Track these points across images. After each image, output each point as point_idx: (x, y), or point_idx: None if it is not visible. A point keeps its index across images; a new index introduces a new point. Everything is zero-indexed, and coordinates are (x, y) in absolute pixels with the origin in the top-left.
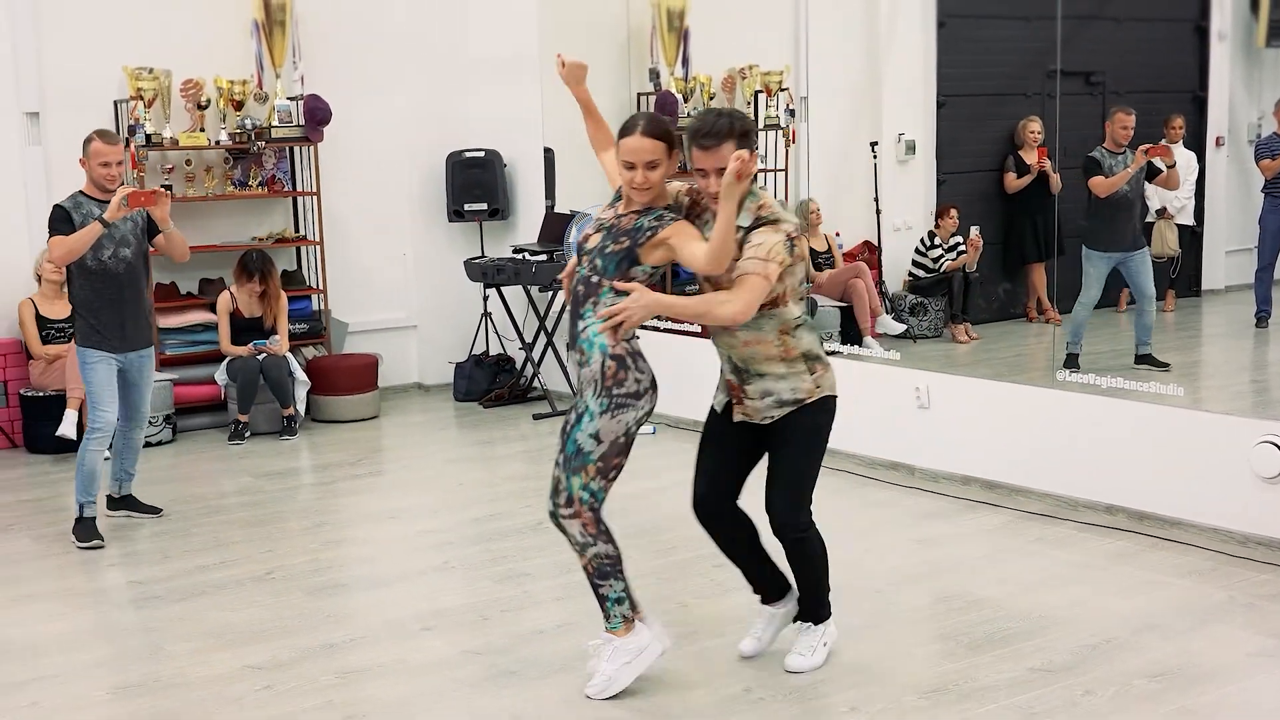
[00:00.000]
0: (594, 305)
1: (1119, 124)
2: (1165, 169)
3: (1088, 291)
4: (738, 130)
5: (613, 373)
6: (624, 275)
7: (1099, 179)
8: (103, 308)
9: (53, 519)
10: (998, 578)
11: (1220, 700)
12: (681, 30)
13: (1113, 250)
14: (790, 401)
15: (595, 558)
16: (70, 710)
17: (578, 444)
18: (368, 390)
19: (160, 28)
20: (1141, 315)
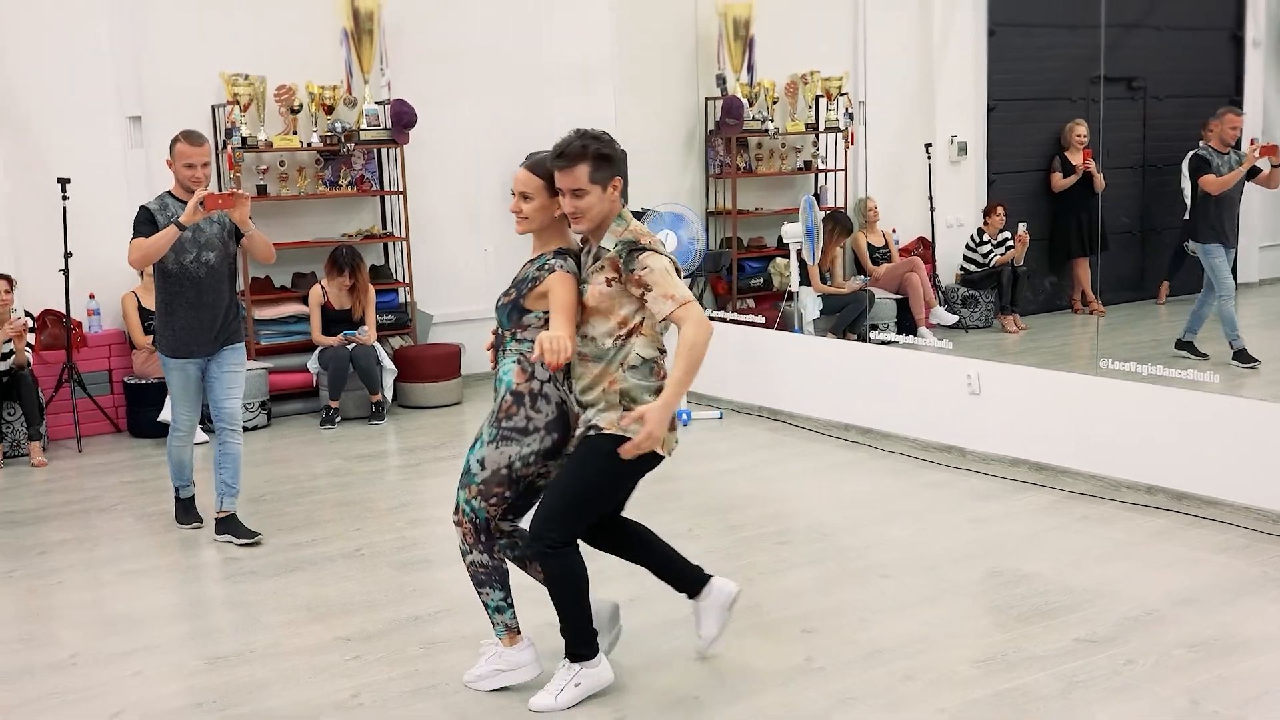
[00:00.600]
0: (503, 353)
1: (1228, 124)
2: (1269, 169)
3: (1224, 284)
4: (591, 152)
5: (507, 407)
6: (518, 323)
7: (1210, 177)
8: (179, 311)
9: (154, 499)
10: (1045, 554)
11: (1254, 669)
12: (747, 38)
13: (1224, 242)
14: (593, 427)
15: (471, 565)
16: (170, 679)
17: (468, 463)
18: (451, 378)
19: (255, 36)
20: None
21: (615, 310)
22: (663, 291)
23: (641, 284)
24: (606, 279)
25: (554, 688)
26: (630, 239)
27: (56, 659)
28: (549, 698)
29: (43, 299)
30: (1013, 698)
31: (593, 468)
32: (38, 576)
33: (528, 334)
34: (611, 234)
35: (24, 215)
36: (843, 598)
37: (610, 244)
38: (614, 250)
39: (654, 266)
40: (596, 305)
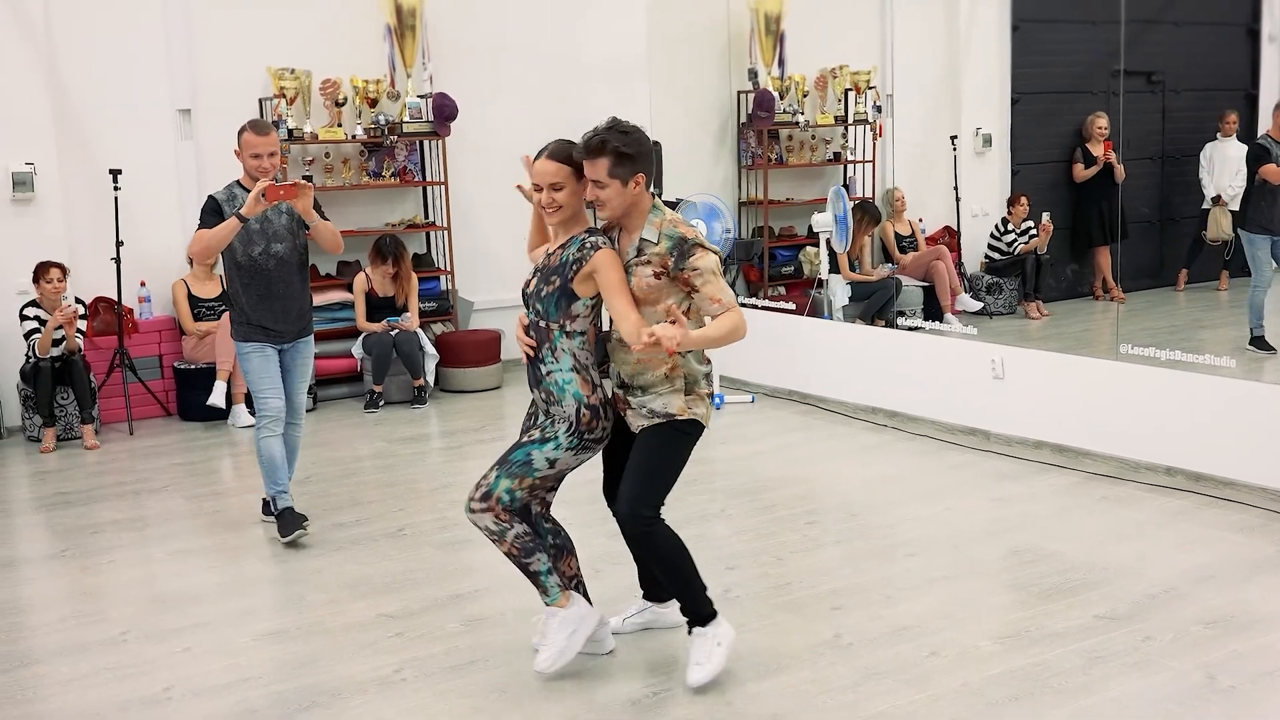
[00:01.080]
0: (550, 350)
1: None
2: None
3: (1260, 274)
4: (610, 148)
5: (587, 420)
6: (566, 313)
7: (1271, 166)
8: (253, 302)
9: (203, 480)
10: (1066, 533)
11: (1269, 645)
12: (778, 33)
13: (1273, 233)
14: (660, 414)
15: (516, 539)
16: (219, 654)
17: (530, 457)
18: (491, 363)
19: (301, 32)
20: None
21: (663, 299)
22: (710, 294)
23: (689, 284)
24: (655, 272)
25: (700, 657)
26: (674, 233)
27: (108, 636)
28: (703, 670)
29: (95, 286)
30: (1034, 673)
31: (672, 448)
32: (90, 555)
33: (577, 324)
34: (652, 225)
35: (78, 205)
36: (870, 576)
37: (653, 236)
38: (662, 246)
39: (703, 268)
40: (644, 296)
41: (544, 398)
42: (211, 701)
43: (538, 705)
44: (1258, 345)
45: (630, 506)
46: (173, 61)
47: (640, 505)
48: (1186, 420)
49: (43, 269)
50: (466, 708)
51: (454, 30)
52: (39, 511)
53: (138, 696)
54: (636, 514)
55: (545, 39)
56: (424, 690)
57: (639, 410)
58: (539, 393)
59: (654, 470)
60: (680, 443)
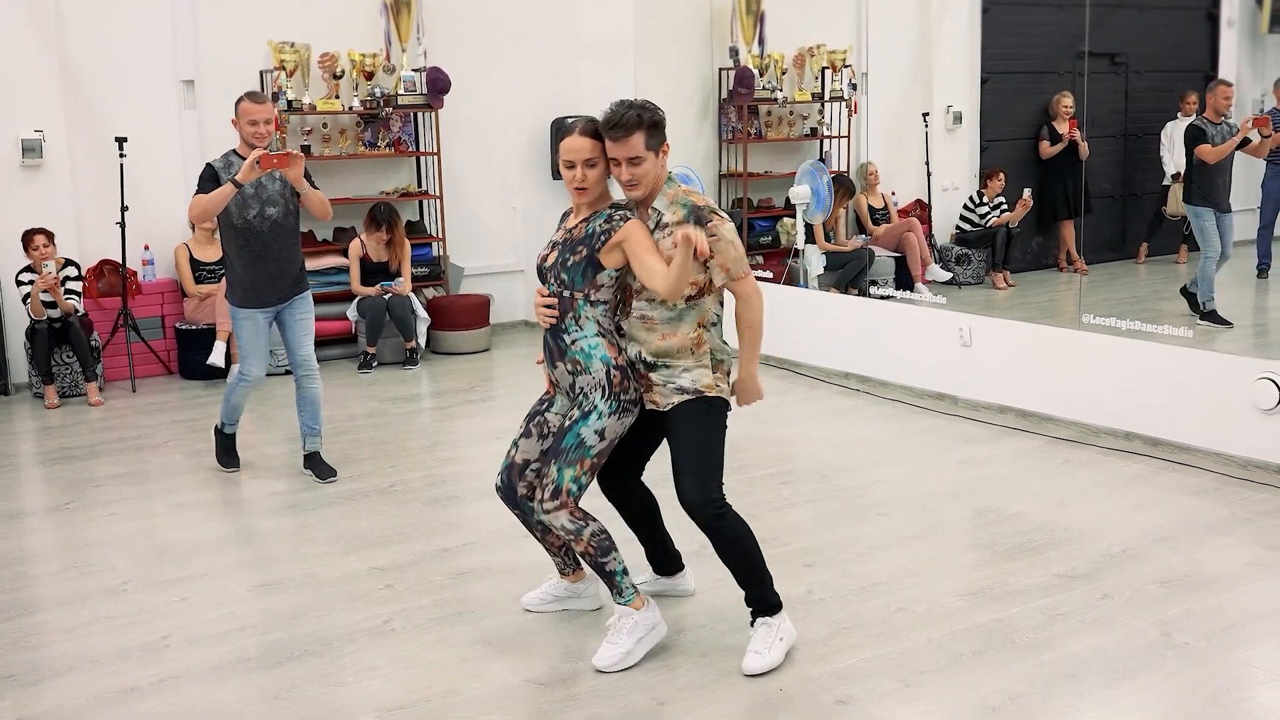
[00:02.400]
0: (574, 320)
1: (1220, 95)
2: (1259, 139)
3: (1209, 244)
4: (646, 121)
5: (619, 381)
6: (592, 282)
7: (1206, 147)
8: (248, 263)
9: (203, 437)
10: (1029, 495)
11: (1221, 604)
12: (758, 13)
13: (1216, 207)
14: (690, 390)
15: (592, 537)
16: (216, 605)
17: (580, 438)
18: (480, 326)
19: (301, 6)
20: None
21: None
22: (721, 262)
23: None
24: (674, 242)
25: (760, 646)
26: (688, 202)
27: (109, 585)
28: (761, 659)
29: (101, 250)
30: (996, 628)
31: (713, 426)
32: (92, 508)
33: (601, 294)
34: (665, 196)
35: (84, 172)
36: (841, 534)
37: (665, 207)
38: (679, 215)
39: (721, 235)
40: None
41: (570, 369)
42: (208, 649)
43: (520, 655)
44: (1210, 319)
45: (697, 496)
46: (177, 34)
47: (707, 492)
48: (1145, 387)
49: (29, 235)
50: (453, 657)
51: (448, 6)
52: (43, 465)
53: (137, 644)
54: (707, 501)
55: (536, 16)
56: (412, 640)
57: (665, 387)
58: (564, 364)
59: (703, 452)
60: (717, 418)
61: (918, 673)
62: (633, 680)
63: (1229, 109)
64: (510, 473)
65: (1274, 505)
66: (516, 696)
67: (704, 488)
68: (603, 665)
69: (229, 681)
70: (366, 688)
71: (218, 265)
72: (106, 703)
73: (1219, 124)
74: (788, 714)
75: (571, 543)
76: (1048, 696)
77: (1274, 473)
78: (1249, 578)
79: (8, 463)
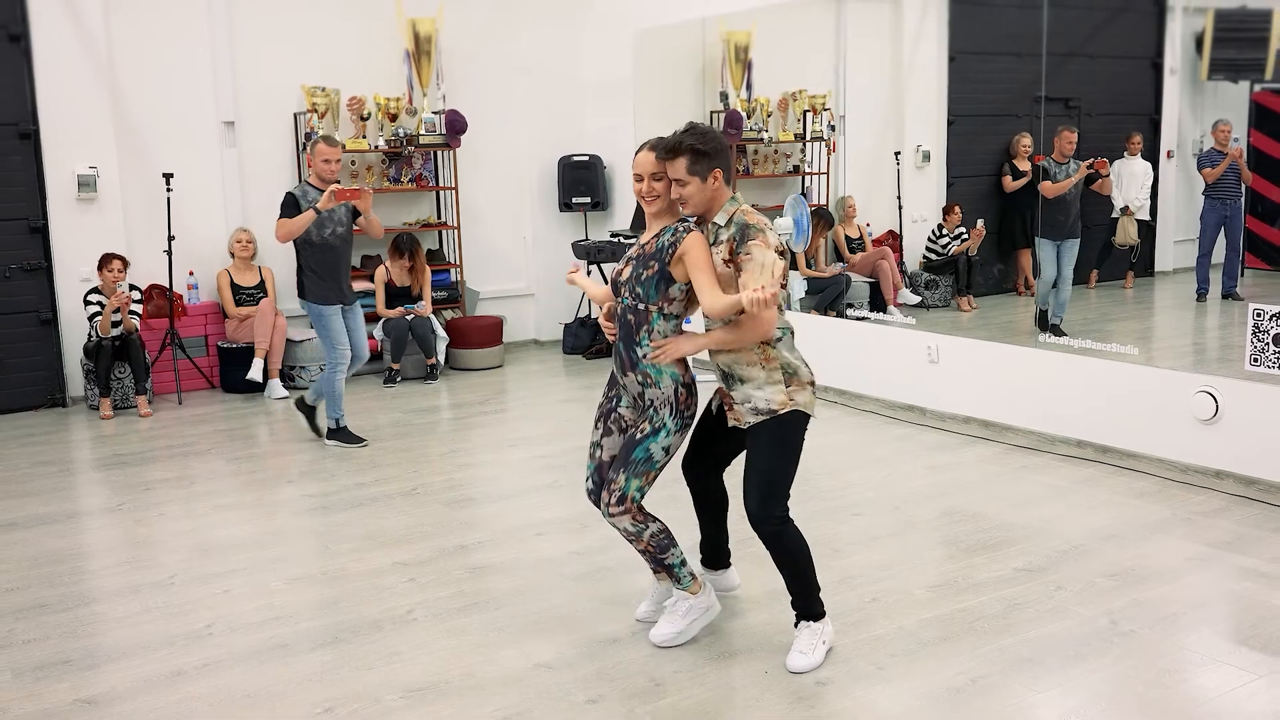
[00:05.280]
0: (647, 332)
1: (1065, 140)
2: (1102, 177)
3: (1044, 271)
4: (686, 147)
5: (685, 399)
6: (665, 295)
7: (1048, 183)
8: (328, 271)
9: (242, 445)
10: (990, 497)
11: (1164, 595)
12: (746, 61)
13: (1056, 238)
14: (765, 411)
15: (652, 537)
16: (254, 596)
17: (649, 452)
18: (494, 345)
19: (331, 54)
20: (1059, 293)
21: (731, 287)
22: (744, 281)
23: (739, 267)
24: (724, 258)
25: (805, 647)
26: (742, 220)
27: (158, 579)
28: (805, 659)
29: (150, 275)
30: (960, 617)
31: (787, 444)
32: (143, 509)
33: (674, 307)
34: (724, 212)
35: (134, 205)
36: (820, 532)
37: (723, 221)
38: (730, 231)
39: (755, 257)
40: (725, 284)
41: (640, 380)
42: (248, 637)
43: (532, 642)
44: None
45: (759, 507)
46: (218, 80)
47: (768, 505)
48: (1095, 400)
49: (106, 259)
50: (469, 643)
51: (465, 55)
52: (98, 470)
53: (183, 632)
54: (767, 514)
55: (545, 64)
56: (433, 628)
57: (743, 407)
58: (635, 375)
59: (770, 468)
60: (788, 436)
61: (889, 657)
62: (631, 664)
63: (1072, 151)
64: (600, 471)
65: (1211, 506)
66: (527, 679)
67: (766, 504)
68: (658, 640)
69: (267, 666)
70: (391, 671)
71: (255, 289)
72: (155, 685)
73: (1064, 163)
74: (773, 694)
75: (631, 542)
76: (1006, 678)
77: (1212, 477)
78: (1188, 571)
79: (67, 468)
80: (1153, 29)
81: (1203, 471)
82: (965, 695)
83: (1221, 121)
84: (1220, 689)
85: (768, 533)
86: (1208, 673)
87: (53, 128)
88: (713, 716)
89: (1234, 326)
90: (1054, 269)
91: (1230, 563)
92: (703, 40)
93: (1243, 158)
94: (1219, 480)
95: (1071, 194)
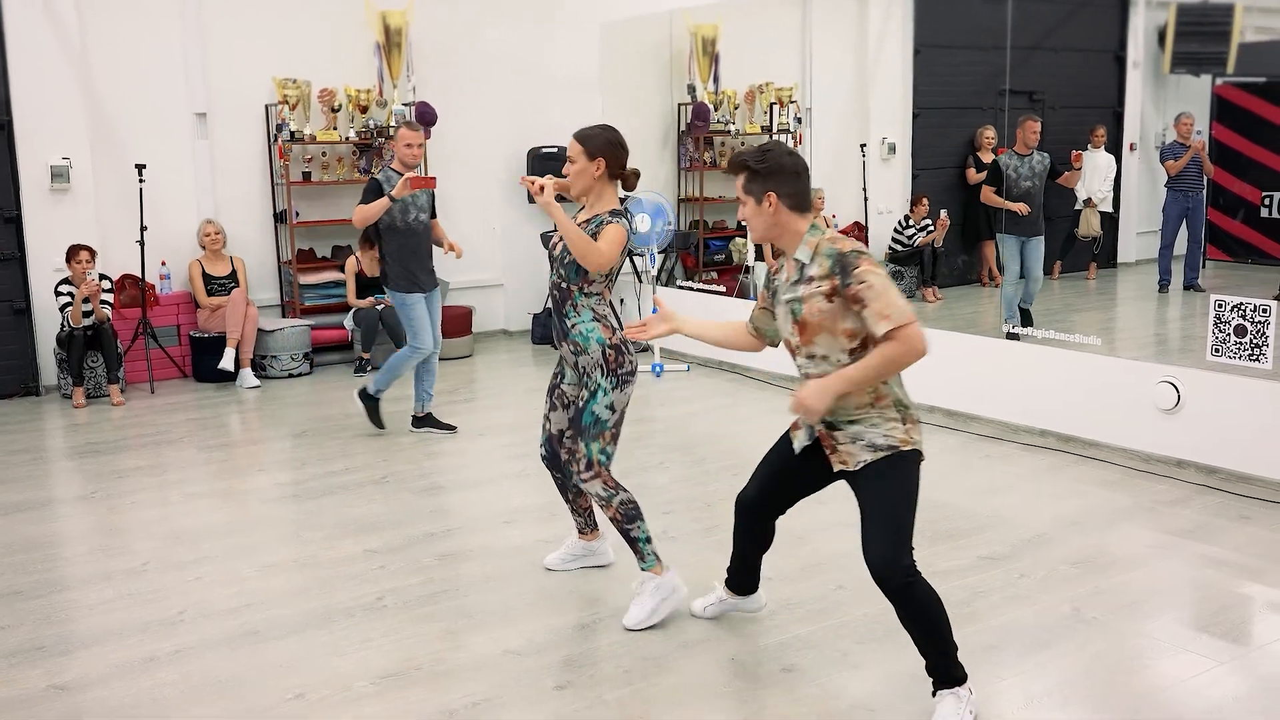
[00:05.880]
0: (572, 307)
1: (1029, 130)
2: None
3: (1009, 269)
4: (739, 164)
5: (614, 358)
6: (585, 278)
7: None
8: (411, 256)
9: (214, 433)
10: (954, 486)
11: (1126, 582)
12: (713, 54)
13: (1019, 234)
14: (884, 447)
15: (620, 505)
16: (226, 584)
17: (595, 415)
18: (464, 334)
19: (302, 47)
20: (1028, 285)
21: (839, 325)
22: (878, 310)
23: (858, 300)
24: (825, 294)
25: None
26: (832, 250)
27: (131, 566)
28: None
29: (122, 265)
30: None
31: (908, 486)
32: (116, 497)
33: (594, 287)
34: (806, 246)
35: (107, 195)
36: (786, 521)
37: (806, 257)
38: (824, 266)
39: (872, 283)
40: (819, 323)
41: (572, 349)
42: (219, 623)
43: (501, 628)
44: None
45: (886, 558)
46: (190, 72)
47: (898, 556)
48: (1058, 390)
49: (74, 250)
50: (438, 630)
51: (436, 47)
52: (71, 459)
53: (156, 618)
54: (897, 566)
55: (514, 56)
56: (402, 615)
57: (854, 443)
58: (567, 345)
59: (896, 513)
60: (910, 474)
61: (855, 643)
62: (599, 651)
63: (1035, 143)
64: (551, 442)
65: (1173, 495)
66: (495, 664)
67: (896, 553)
68: (631, 624)
69: (238, 652)
70: (362, 657)
71: (227, 279)
72: (128, 671)
73: (1025, 156)
74: (740, 680)
75: (602, 508)
76: (971, 665)
77: (1173, 466)
78: (1150, 559)
79: (40, 456)
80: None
81: (1164, 460)
82: (930, 682)
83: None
84: (1182, 675)
85: (898, 586)
86: (1170, 659)
87: (26, 119)
88: (680, 703)
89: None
90: (1018, 265)
91: (1192, 551)
92: (670, 33)
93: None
94: (1180, 469)
95: (1035, 188)
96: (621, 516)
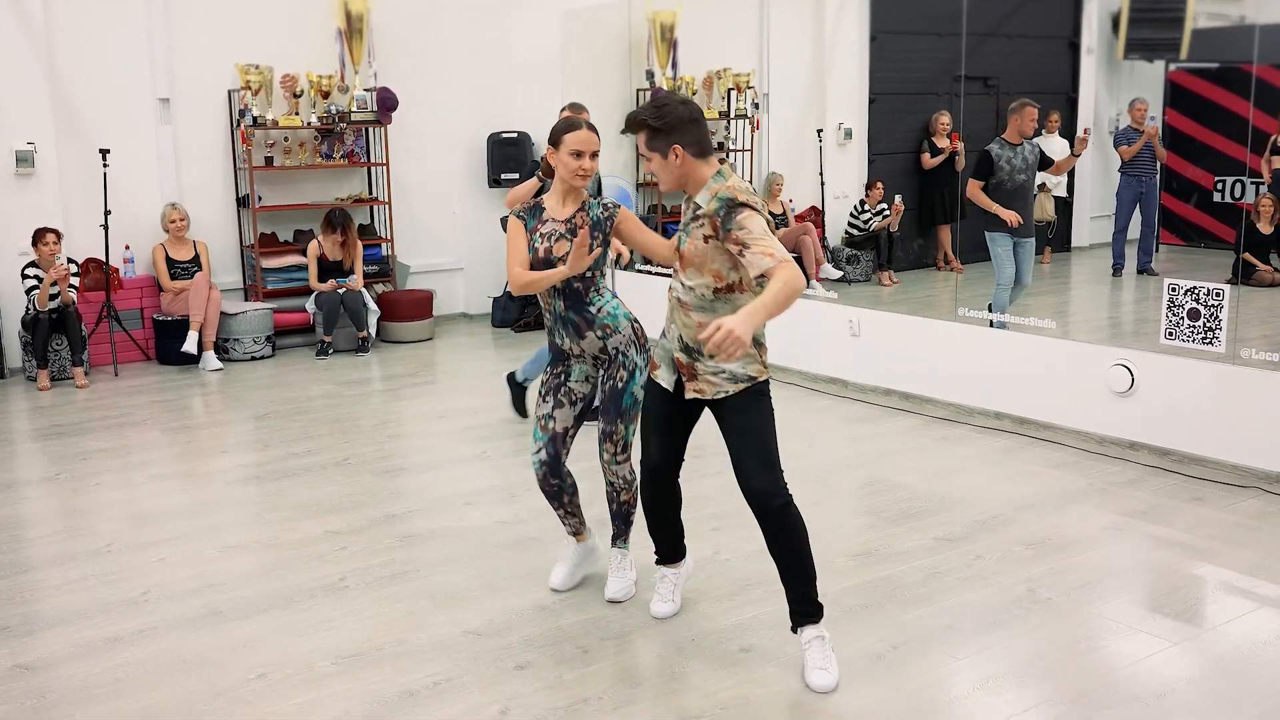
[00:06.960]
0: (596, 292)
1: (1027, 117)
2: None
3: (1002, 272)
4: (638, 123)
5: (641, 332)
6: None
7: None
8: None
9: (177, 416)
10: (911, 467)
11: (1080, 562)
12: (671, 40)
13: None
14: (744, 378)
15: (636, 489)
16: (189, 564)
17: (634, 395)
18: (424, 318)
19: (264, 33)
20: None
21: (708, 264)
22: (761, 249)
23: (739, 242)
24: (704, 235)
25: (823, 662)
26: (727, 195)
27: (95, 547)
28: (829, 675)
29: (86, 249)
30: (882, 585)
31: (769, 413)
32: (79, 479)
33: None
34: (708, 190)
35: (72, 180)
36: (740, 503)
37: (704, 200)
38: (711, 207)
39: (751, 229)
40: (691, 258)
41: (600, 334)
42: (183, 604)
43: (461, 609)
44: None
45: (766, 482)
46: (154, 57)
47: (774, 477)
48: (1013, 372)
49: (40, 234)
50: (400, 610)
51: (396, 33)
52: (35, 441)
53: (119, 599)
54: (776, 487)
55: (475, 42)
56: (364, 595)
57: (716, 374)
58: (594, 332)
59: (766, 443)
60: (769, 403)
61: None
62: (559, 631)
63: (1031, 131)
64: (555, 443)
65: (1126, 477)
66: (456, 645)
67: (773, 476)
68: (617, 595)
69: (202, 632)
70: (324, 638)
71: (190, 263)
72: (92, 651)
73: (1018, 145)
74: (698, 660)
75: (620, 491)
76: (927, 645)
77: (1127, 448)
78: (1104, 540)
79: (4, 438)
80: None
81: (1118, 443)
82: (886, 662)
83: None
84: (1135, 655)
85: (778, 509)
86: (1123, 639)
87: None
88: (638, 684)
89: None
90: (1013, 266)
91: (1145, 532)
92: (629, 20)
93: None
94: (1134, 451)
95: (1029, 181)
96: (633, 499)
